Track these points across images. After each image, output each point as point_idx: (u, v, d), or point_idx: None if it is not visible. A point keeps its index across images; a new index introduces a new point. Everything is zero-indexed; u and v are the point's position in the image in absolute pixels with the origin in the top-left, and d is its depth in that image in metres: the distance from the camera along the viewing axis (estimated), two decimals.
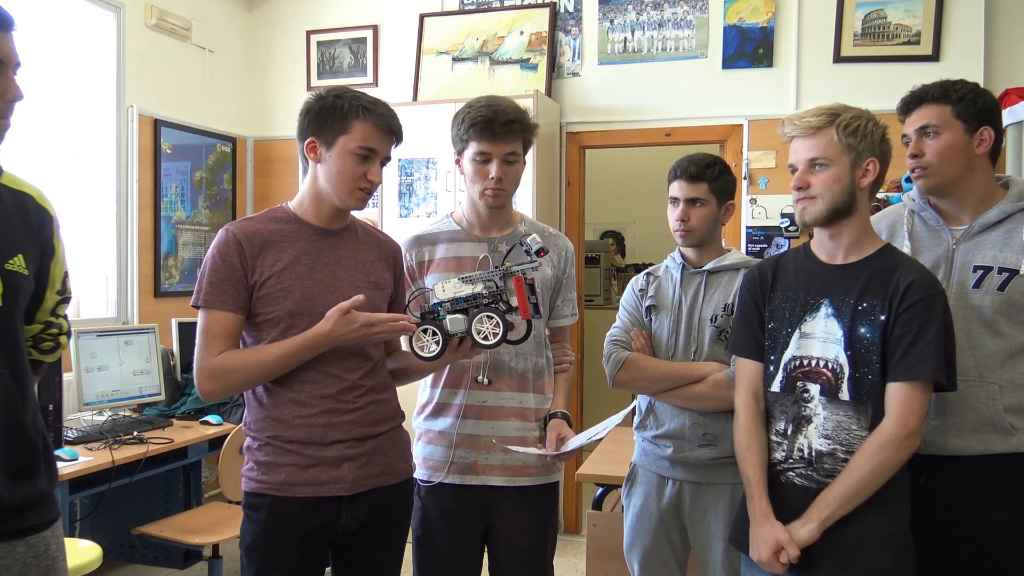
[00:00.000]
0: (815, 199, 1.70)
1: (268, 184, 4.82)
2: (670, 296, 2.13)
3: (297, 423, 1.72)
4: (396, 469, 1.83)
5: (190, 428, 3.38)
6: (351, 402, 1.75)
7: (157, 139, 4.12)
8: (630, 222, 6.92)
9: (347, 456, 1.74)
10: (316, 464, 1.72)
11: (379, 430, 1.80)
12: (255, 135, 4.82)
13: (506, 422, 2.03)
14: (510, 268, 1.70)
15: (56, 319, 1.63)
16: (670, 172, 2.12)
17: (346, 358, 1.75)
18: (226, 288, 1.71)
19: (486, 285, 1.71)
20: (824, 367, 1.70)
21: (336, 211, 1.80)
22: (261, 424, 1.75)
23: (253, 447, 1.77)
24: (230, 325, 1.71)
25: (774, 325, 1.79)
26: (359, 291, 1.77)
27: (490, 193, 1.99)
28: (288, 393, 1.73)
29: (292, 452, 1.72)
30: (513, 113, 1.96)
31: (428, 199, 4.05)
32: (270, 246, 1.74)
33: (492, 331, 1.69)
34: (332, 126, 1.74)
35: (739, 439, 1.81)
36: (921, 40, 3.82)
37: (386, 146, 1.76)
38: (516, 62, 4.33)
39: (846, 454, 1.66)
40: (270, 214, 1.81)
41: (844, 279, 1.72)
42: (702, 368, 2.03)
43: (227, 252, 1.72)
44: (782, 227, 3.97)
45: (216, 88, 4.57)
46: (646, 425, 2.14)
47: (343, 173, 1.73)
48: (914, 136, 1.88)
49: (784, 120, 1.74)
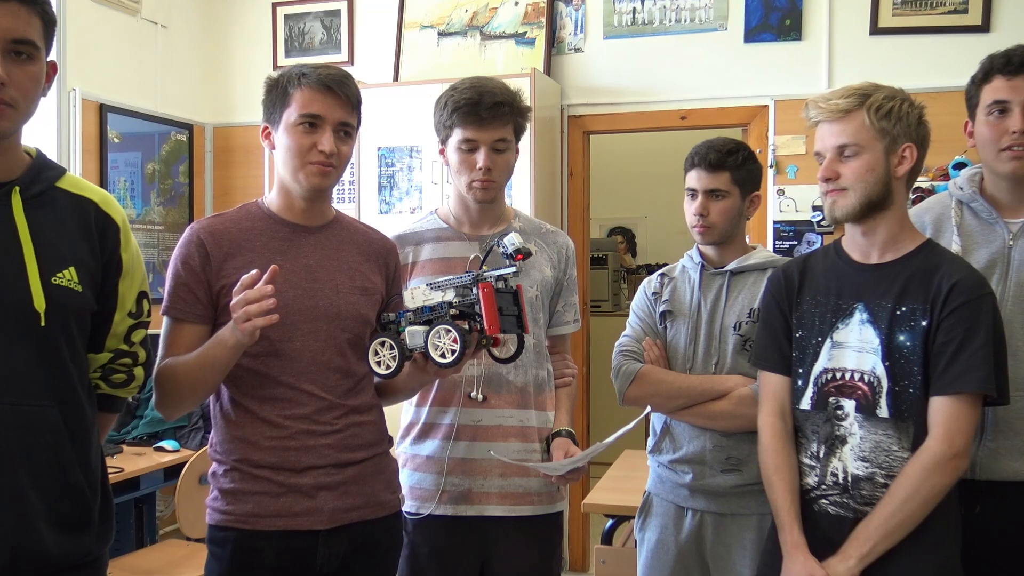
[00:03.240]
0: (845, 191, 1.71)
1: (230, 177, 4.82)
2: (687, 300, 2.14)
3: (267, 445, 1.73)
4: (381, 501, 1.83)
5: (143, 455, 3.38)
6: (329, 423, 1.76)
7: (103, 126, 4.13)
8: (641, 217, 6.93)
9: (323, 484, 1.74)
10: (288, 492, 1.72)
11: (361, 456, 1.80)
12: (215, 121, 4.83)
13: (505, 443, 2.04)
14: (483, 273, 1.67)
15: (131, 347, 1.62)
16: (686, 160, 2.14)
17: (324, 373, 1.76)
18: (186, 296, 1.73)
19: (458, 293, 1.68)
20: (859, 380, 1.71)
21: (308, 203, 1.80)
22: (227, 446, 1.76)
23: (218, 473, 1.78)
24: (188, 337, 1.72)
25: (802, 334, 1.80)
26: (343, 297, 1.78)
27: (478, 185, 2.01)
28: (258, 410, 1.74)
29: (261, 479, 1.73)
30: (501, 95, 1.98)
31: (412, 192, 4.07)
32: (240, 247, 1.75)
33: (449, 347, 1.63)
34: (277, 105, 1.77)
35: (765, 463, 1.82)
36: (969, 8, 3.84)
37: (334, 109, 1.74)
38: (510, 36, 4.35)
39: (886, 478, 1.68)
40: (242, 211, 1.83)
41: (880, 280, 1.73)
42: (724, 382, 2.05)
43: (189, 255, 1.74)
44: (814, 221, 3.99)
45: (170, 68, 4.58)
46: (661, 448, 2.15)
47: (289, 149, 1.75)
48: (1019, 107, 1.81)
49: (808, 102, 1.75)
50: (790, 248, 4.01)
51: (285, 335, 1.72)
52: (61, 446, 1.46)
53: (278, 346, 1.72)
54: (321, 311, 1.76)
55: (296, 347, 1.74)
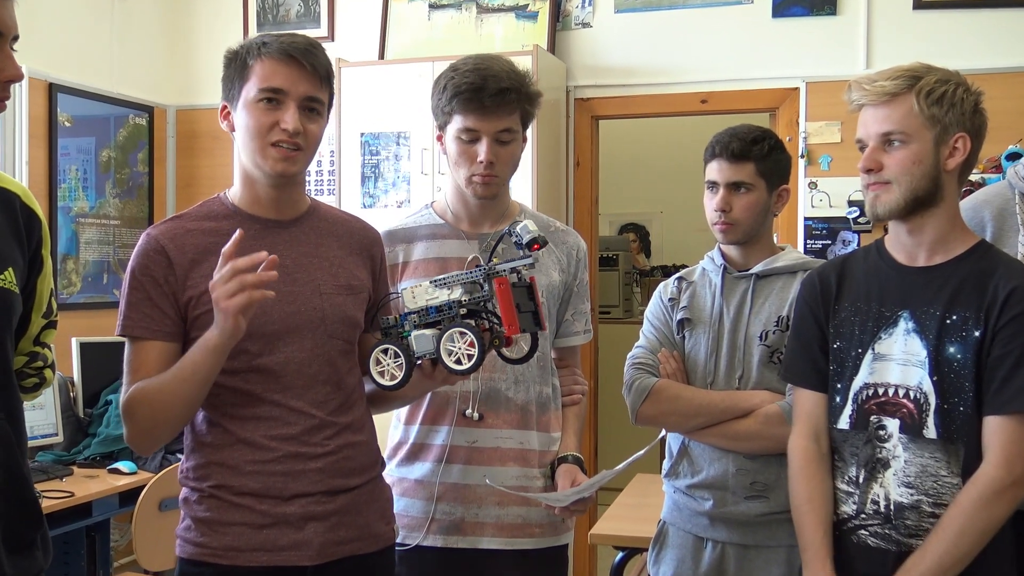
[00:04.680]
0: (890, 185, 1.71)
1: (195, 166, 4.82)
2: (708, 307, 2.14)
3: (250, 470, 1.71)
4: (375, 533, 1.82)
5: (95, 478, 3.37)
6: (319, 444, 1.74)
7: (52, 108, 4.12)
8: (656, 213, 6.94)
9: (313, 515, 1.73)
10: (273, 524, 1.71)
11: (354, 482, 1.78)
12: (178, 103, 4.83)
13: (503, 468, 2.03)
14: (495, 266, 1.66)
15: (42, 348, 1.64)
16: (707, 149, 2.13)
17: (313, 387, 1.75)
18: (150, 311, 1.70)
19: (467, 290, 1.68)
20: (904, 397, 1.71)
21: (277, 192, 1.78)
22: (203, 470, 1.74)
23: (192, 500, 1.75)
24: (157, 357, 1.69)
25: (840, 345, 1.80)
26: (327, 299, 1.77)
27: (478, 180, 2.00)
28: (239, 431, 1.72)
29: (243, 508, 1.71)
30: (508, 79, 1.97)
31: (399, 184, 4.06)
32: (206, 252, 1.72)
33: (466, 351, 1.63)
34: (235, 81, 1.75)
35: (795, 490, 1.81)
36: None
37: (299, 82, 1.71)
38: (510, 9, 4.35)
39: (933, 507, 1.67)
40: (204, 209, 1.81)
41: (928, 285, 1.73)
42: (749, 399, 2.04)
43: (149, 265, 1.71)
44: (850, 218, 3.99)
45: (128, 44, 4.57)
46: (678, 472, 2.15)
47: (249, 128, 1.72)
48: None
49: (851, 83, 1.75)
50: (823, 248, 4.02)
51: (266, 347, 1.70)
52: (15, 461, 1.48)
53: (258, 360, 1.70)
54: (304, 317, 1.75)
55: (279, 360, 1.72)
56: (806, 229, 4.05)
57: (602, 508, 3.11)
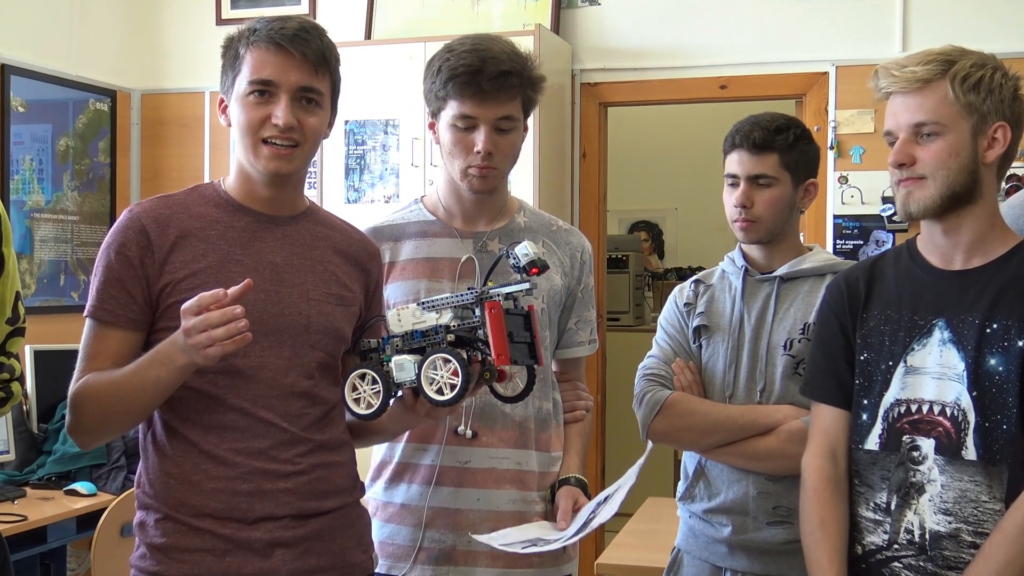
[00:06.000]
0: (923, 180, 1.71)
1: (162, 156, 4.83)
2: (727, 313, 2.15)
3: (212, 487, 1.71)
4: (351, 562, 1.82)
5: (50, 500, 3.37)
6: (291, 462, 1.74)
7: (5, 92, 4.12)
8: (670, 210, 6.94)
9: (281, 540, 1.73)
10: (236, 550, 1.71)
11: (328, 505, 1.79)
12: (143, 87, 4.83)
13: (498, 491, 2.04)
14: (488, 290, 1.65)
15: (7, 359, 1.63)
16: (726, 140, 2.14)
17: (287, 398, 1.75)
18: (118, 294, 1.71)
19: (457, 314, 1.68)
20: (940, 415, 1.71)
21: (273, 190, 1.80)
22: (160, 488, 1.75)
23: (148, 523, 1.76)
24: (116, 346, 1.71)
25: (868, 356, 1.80)
26: (314, 306, 1.78)
27: (475, 172, 2.01)
28: (201, 442, 1.72)
29: (203, 531, 1.71)
30: (509, 61, 1.98)
31: (387, 177, 4.07)
32: (190, 236, 1.74)
33: (448, 381, 1.62)
34: (229, 71, 1.78)
35: (807, 515, 1.82)
36: None
37: (289, 72, 1.73)
38: None
39: (974, 535, 1.67)
40: (195, 193, 1.83)
41: (965, 291, 1.73)
42: (772, 414, 2.05)
43: (126, 244, 1.72)
44: (884, 216, 4.00)
45: (89, 22, 4.57)
46: (694, 495, 2.15)
47: (240, 124, 1.75)
48: None
49: (878, 69, 1.75)
50: (854, 249, 4.03)
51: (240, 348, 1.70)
52: None
53: (231, 361, 1.70)
54: (287, 321, 1.76)
55: (253, 364, 1.73)
56: (836, 228, 4.06)
57: (610, 535, 3.11)
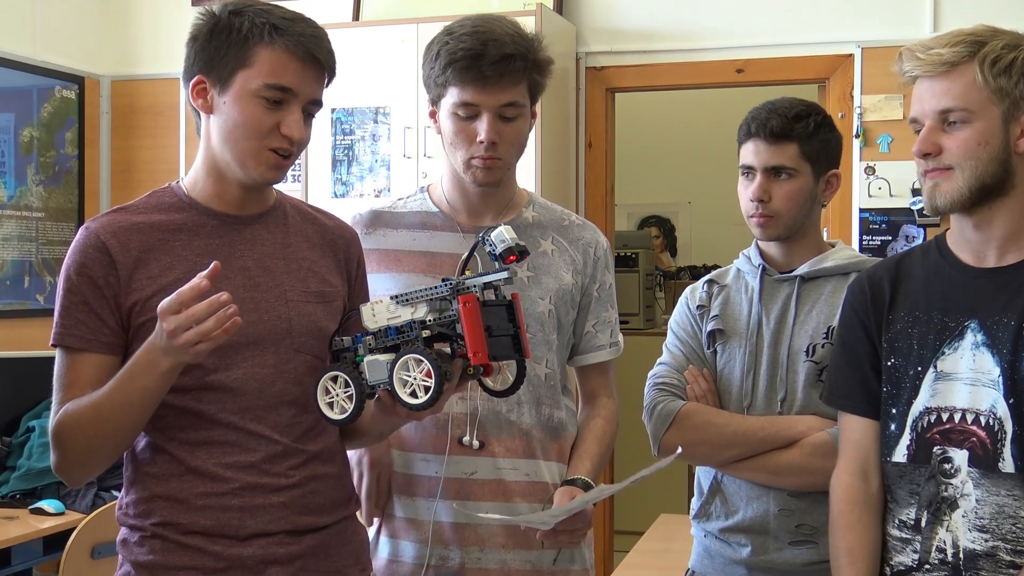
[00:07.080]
0: (951, 171, 1.72)
1: (133, 147, 4.83)
2: (744, 316, 2.15)
3: (201, 504, 1.73)
4: None
5: (15, 519, 3.36)
6: (283, 475, 1.76)
7: None
8: (683, 203, 6.93)
9: (274, 557, 1.74)
10: (227, 568, 1.72)
11: (324, 520, 1.80)
12: (113, 73, 4.84)
13: (508, 504, 2.04)
14: (463, 281, 1.66)
15: None
16: (741, 128, 2.15)
17: (276, 408, 1.76)
18: (87, 318, 1.72)
19: (433, 308, 1.68)
20: (974, 424, 1.71)
21: (246, 193, 1.81)
22: (146, 505, 1.76)
23: (132, 542, 1.77)
24: (93, 372, 1.71)
25: (895, 362, 1.81)
26: (294, 307, 1.79)
27: (478, 163, 2.02)
28: (189, 459, 1.74)
29: (191, 549, 1.73)
30: (513, 44, 1.98)
31: (377, 169, 4.08)
32: (153, 250, 1.75)
33: (422, 382, 1.62)
34: (227, 57, 1.75)
35: (836, 539, 1.82)
36: None
37: (309, 83, 1.76)
38: None
39: (1012, 554, 1.67)
40: (152, 200, 1.83)
41: (999, 290, 1.73)
42: (794, 425, 2.06)
43: (87, 264, 1.73)
44: (914, 210, 4.00)
45: (54, 2, 4.57)
46: (710, 512, 2.16)
47: (244, 126, 1.74)
48: None
49: (902, 51, 1.75)
50: (881, 245, 4.03)
51: (222, 362, 1.72)
52: None
53: (213, 376, 1.72)
54: (267, 327, 1.77)
55: (238, 377, 1.74)
56: (862, 223, 4.06)
57: (619, 555, 3.13)
